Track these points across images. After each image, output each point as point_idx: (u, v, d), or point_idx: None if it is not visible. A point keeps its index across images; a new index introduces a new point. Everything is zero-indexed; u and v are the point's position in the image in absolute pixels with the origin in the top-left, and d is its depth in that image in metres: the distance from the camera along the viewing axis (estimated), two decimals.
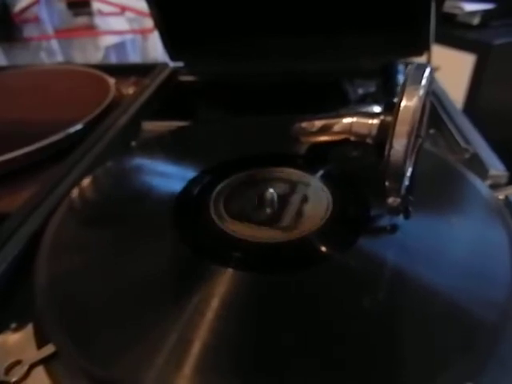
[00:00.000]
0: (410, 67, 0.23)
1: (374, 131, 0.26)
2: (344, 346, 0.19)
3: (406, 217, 0.25)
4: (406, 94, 0.22)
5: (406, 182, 0.24)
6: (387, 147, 0.22)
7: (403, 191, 0.24)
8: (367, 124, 0.27)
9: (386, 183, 0.23)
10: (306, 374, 0.18)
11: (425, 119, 0.26)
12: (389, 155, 0.22)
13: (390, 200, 0.24)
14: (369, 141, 0.27)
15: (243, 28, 0.54)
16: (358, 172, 0.30)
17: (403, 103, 0.22)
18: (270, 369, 0.18)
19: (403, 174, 0.23)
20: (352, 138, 0.28)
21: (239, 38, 0.54)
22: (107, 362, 0.19)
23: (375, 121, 0.26)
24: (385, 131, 0.23)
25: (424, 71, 0.23)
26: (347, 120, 0.28)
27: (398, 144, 0.22)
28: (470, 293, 0.21)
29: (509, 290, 0.21)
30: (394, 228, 0.25)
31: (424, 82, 0.22)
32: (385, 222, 0.26)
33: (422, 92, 0.22)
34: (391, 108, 0.23)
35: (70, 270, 0.24)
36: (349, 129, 0.27)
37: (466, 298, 0.21)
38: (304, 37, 0.54)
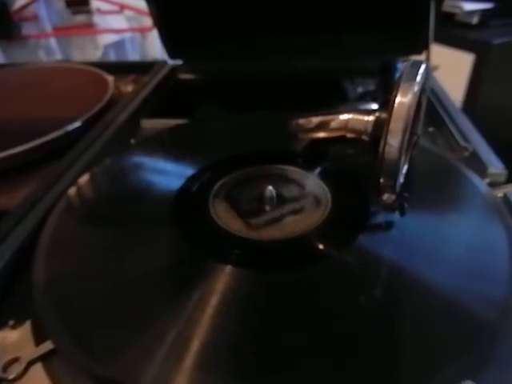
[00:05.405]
0: (405, 64, 0.23)
1: (370, 128, 0.26)
2: (343, 344, 0.19)
3: (402, 214, 0.25)
4: (400, 91, 0.22)
5: (401, 179, 0.24)
6: (382, 144, 0.22)
7: (398, 188, 0.24)
8: (363, 121, 0.26)
9: (381, 180, 0.23)
10: (304, 372, 0.18)
11: (420, 116, 0.26)
12: (383, 152, 0.22)
13: (385, 197, 0.24)
14: (364, 137, 0.27)
15: (242, 26, 0.53)
16: (357, 169, 0.30)
17: (397, 100, 0.22)
18: (269, 367, 0.18)
19: (398, 171, 0.23)
20: (348, 135, 0.28)
21: (238, 36, 0.54)
22: (106, 359, 0.19)
23: (371, 117, 0.26)
24: (380, 128, 0.23)
25: (419, 68, 0.23)
26: (343, 117, 0.28)
27: (393, 141, 0.22)
28: (469, 291, 0.21)
29: (508, 287, 0.21)
30: (392, 225, 0.25)
31: (419, 78, 0.22)
32: (384, 219, 0.26)
33: (416, 89, 0.22)
34: (387, 105, 0.23)
35: (69, 267, 0.24)
36: (345, 125, 0.27)
37: (465, 296, 0.21)
38: (303, 35, 0.54)
